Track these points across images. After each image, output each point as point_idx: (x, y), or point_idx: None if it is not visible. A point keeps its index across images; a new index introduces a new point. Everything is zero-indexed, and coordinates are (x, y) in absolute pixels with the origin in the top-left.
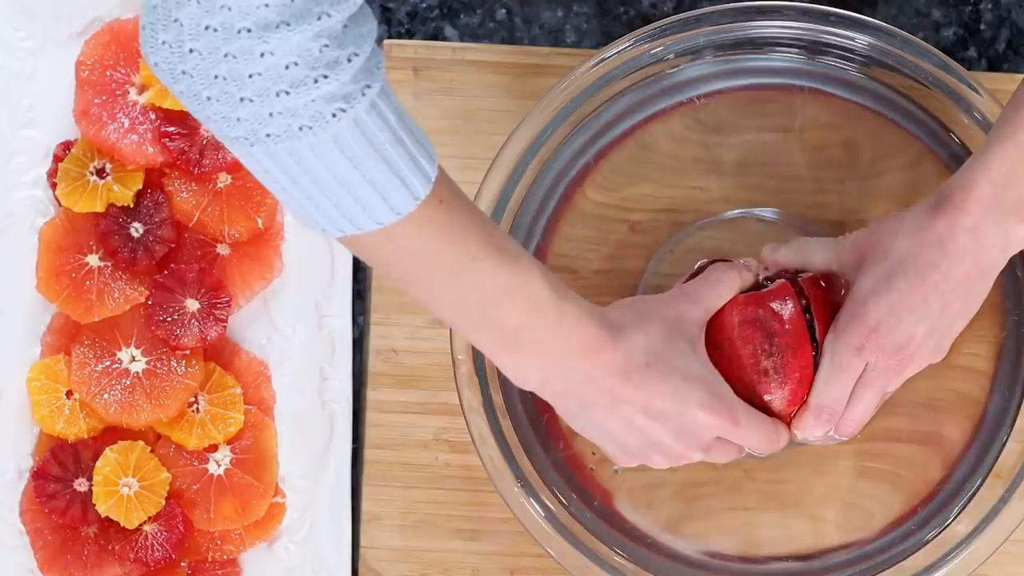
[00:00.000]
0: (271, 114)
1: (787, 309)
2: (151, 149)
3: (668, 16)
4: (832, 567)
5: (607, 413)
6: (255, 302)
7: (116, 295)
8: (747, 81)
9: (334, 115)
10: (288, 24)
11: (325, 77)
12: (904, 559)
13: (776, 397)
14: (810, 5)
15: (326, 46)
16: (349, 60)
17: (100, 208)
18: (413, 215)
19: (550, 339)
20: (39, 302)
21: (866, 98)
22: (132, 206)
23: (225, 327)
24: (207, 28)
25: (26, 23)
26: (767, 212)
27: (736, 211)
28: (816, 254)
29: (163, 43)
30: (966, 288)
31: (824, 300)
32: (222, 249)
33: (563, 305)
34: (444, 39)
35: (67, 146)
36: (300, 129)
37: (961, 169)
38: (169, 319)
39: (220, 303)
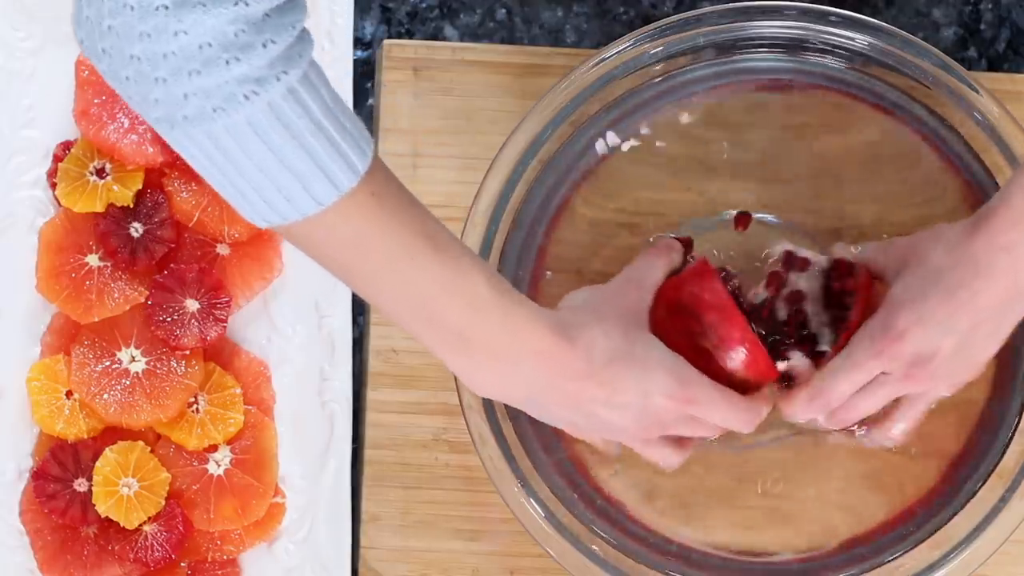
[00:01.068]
0: (185, 95)
1: (705, 286)
2: (151, 149)
3: (668, 16)
4: (832, 567)
5: (568, 409)
6: (255, 302)
7: (116, 295)
8: (747, 81)
9: (246, 97)
10: (204, 5)
11: (237, 59)
12: (904, 559)
13: (737, 369)
14: (810, 5)
15: (242, 31)
16: (264, 46)
17: (100, 208)
18: (341, 206)
19: (498, 340)
20: (39, 302)
21: (866, 98)
22: (132, 206)
23: (225, 327)
24: (125, 6)
25: (26, 23)
26: (767, 213)
27: (736, 212)
28: (868, 255)
29: (86, 18)
30: (999, 310)
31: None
32: (222, 249)
33: (507, 305)
34: (444, 39)
35: (67, 146)
36: (214, 111)
37: (1003, 187)
38: (169, 319)
39: (220, 303)
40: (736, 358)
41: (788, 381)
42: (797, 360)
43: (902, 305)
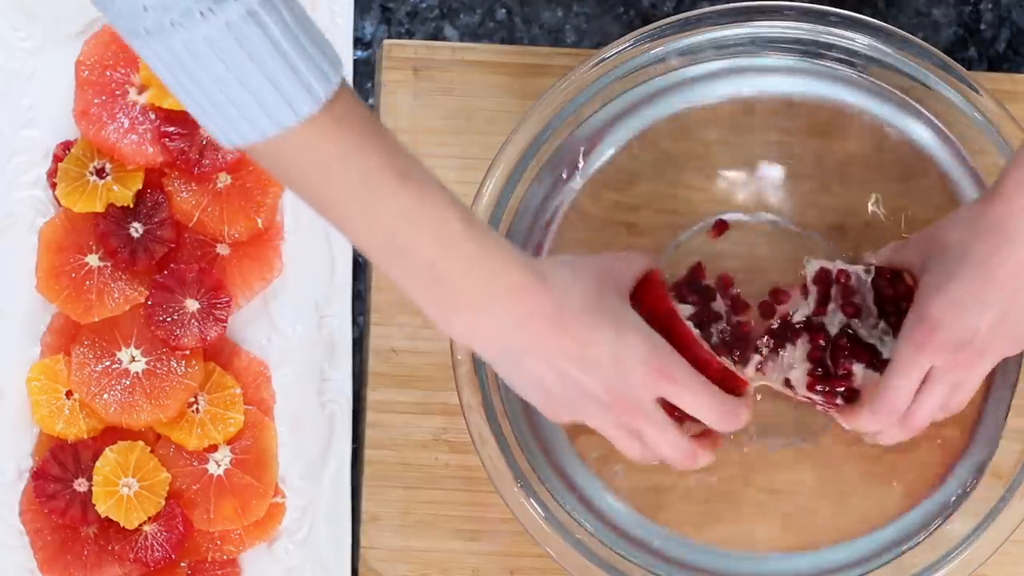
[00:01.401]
0: (144, 7)
1: (652, 295)
2: (151, 149)
3: (668, 16)
4: (832, 567)
5: (540, 363)
6: (255, 302)
7: (116, 295)
8: (747, 81)
9: (202, 14)
10: None
11: None
12: (904, 559)
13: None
14: (810, 5)
15: None
16: None
17: (100, 208)
18: (303, 131)
19: (469, 276)
20: (39, 302)
21: (866, 98)
22: (132, 206)
23: (225, 327)
24: None
25: (26, 23)
26: (767, 213)
27: (736, 212)
28: (893, 258)
29: None
30: (1010, 256)
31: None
32: (222, 249)
33: (479, 240)
34: (444, 39)
35: (67, 146)
36: (172, 25)
37: (1015, 156)
38: (169, 319)
39: (220, 303)
40: (697, 362)
41: (854, 395)
42: (859, 372)
43: (932, 294)
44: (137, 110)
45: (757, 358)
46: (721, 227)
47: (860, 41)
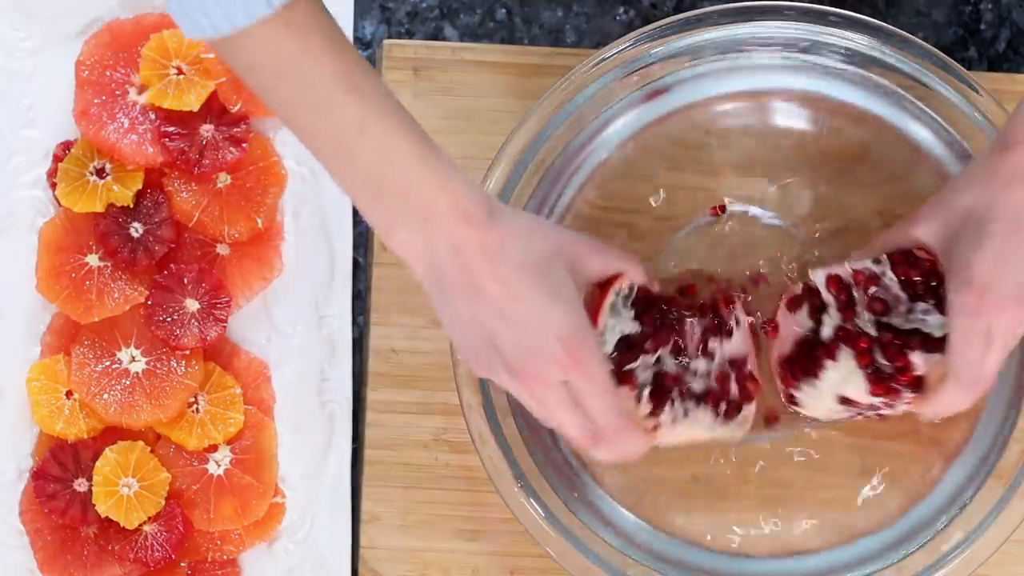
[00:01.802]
0: None
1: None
2: (151, 149)
3: (668, 16)
4: (832, 567)
5: (462, 301)
6: (255, 302)
7: (116, 295)
8: (747, 81)
9: None
10: None
11: None
12: (904, 559)
13: None
14: (810, 5)
15: None
16: None
17: (100, 208)
18: (258, 31)
19: (410, 194)
20: (39, 302)
21: (866, 98)
22: (132, 206)
23: (225, 327)
24: None
25: (26, 23)
26: (767, 212)
27: (736, 212)
28: (895, 242)
29: None
30: None
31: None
32: (222, 249)
33: (428, 161)
34: (444, 39)
35: (67, 146)
36: None
37: (1019, 106)
38: (169, 319)
39: (220, 303)
40: None
41: (919, 383)
42: (917, 359)
43: (971, 258)
44: (137, 110)
45: (791, 394)
46: (719, 210)
47: (860, 41)
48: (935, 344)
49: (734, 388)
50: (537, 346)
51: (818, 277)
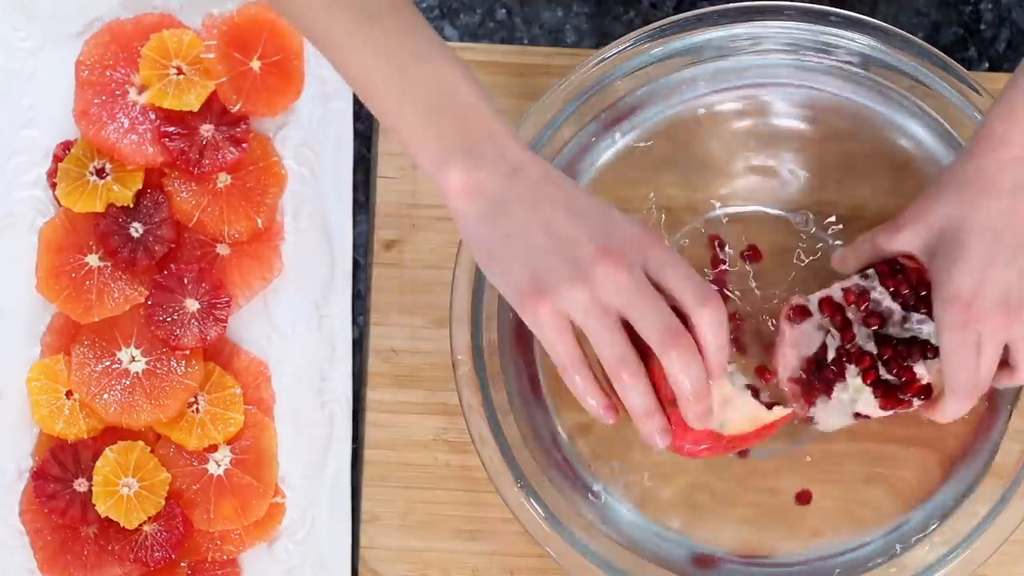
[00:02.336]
0: None
1: None
2: (151, 149)
3: (668, 16)
4: (832, 568)
5: (526, 209)
6: (255, 302)
7: (116, 295)
8: (747, 81)
9: None
10: None
11: None
12: (904, 559)
13: None
14: (810, 5)
15: None
16: None
17: (100, 208)
18: None
19: (470, 118)
20: (39, 302)
21: (866, 98)
22: (132, 206)
23: (225, 327)
24: None
25: (26, 23)
26: (767, 211)
27: (736, 211)
28: (878, 251)
29: None
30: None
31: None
32: (222, 249)
33: (479, 90)
34: (444, 39)
35: (67, 146)
36: None
37: (992, 111)
38: (169, 319)
39: (220, 303)
40: None
41: (928, 391)
42: (921, 369)
43: (952, 269)
44: (137, 110)
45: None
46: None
47: (860, 41)
48: (935, 350)
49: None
50: (613, 231)
51: (811, 303)
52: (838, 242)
